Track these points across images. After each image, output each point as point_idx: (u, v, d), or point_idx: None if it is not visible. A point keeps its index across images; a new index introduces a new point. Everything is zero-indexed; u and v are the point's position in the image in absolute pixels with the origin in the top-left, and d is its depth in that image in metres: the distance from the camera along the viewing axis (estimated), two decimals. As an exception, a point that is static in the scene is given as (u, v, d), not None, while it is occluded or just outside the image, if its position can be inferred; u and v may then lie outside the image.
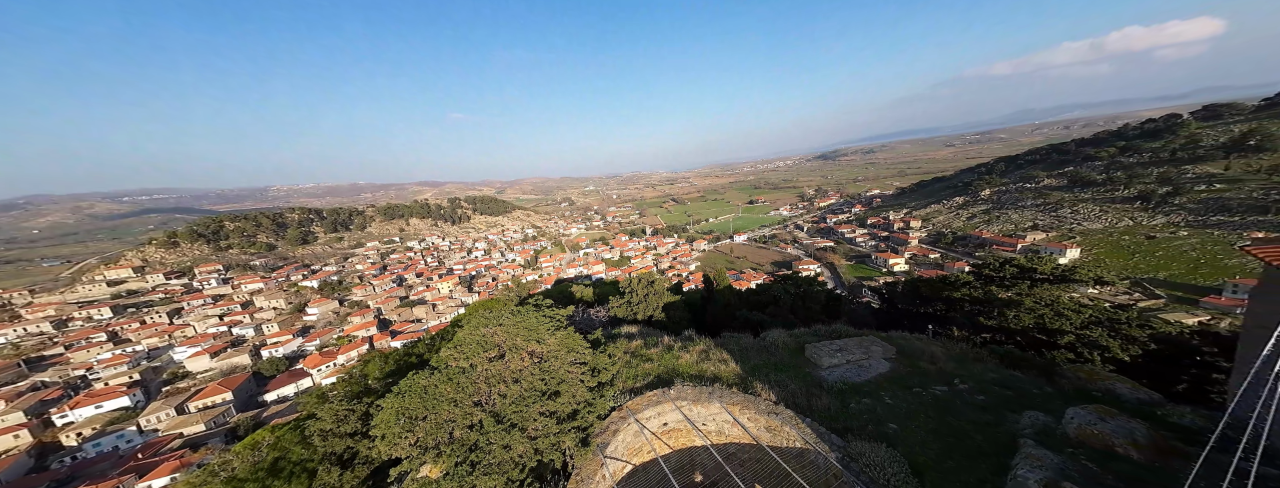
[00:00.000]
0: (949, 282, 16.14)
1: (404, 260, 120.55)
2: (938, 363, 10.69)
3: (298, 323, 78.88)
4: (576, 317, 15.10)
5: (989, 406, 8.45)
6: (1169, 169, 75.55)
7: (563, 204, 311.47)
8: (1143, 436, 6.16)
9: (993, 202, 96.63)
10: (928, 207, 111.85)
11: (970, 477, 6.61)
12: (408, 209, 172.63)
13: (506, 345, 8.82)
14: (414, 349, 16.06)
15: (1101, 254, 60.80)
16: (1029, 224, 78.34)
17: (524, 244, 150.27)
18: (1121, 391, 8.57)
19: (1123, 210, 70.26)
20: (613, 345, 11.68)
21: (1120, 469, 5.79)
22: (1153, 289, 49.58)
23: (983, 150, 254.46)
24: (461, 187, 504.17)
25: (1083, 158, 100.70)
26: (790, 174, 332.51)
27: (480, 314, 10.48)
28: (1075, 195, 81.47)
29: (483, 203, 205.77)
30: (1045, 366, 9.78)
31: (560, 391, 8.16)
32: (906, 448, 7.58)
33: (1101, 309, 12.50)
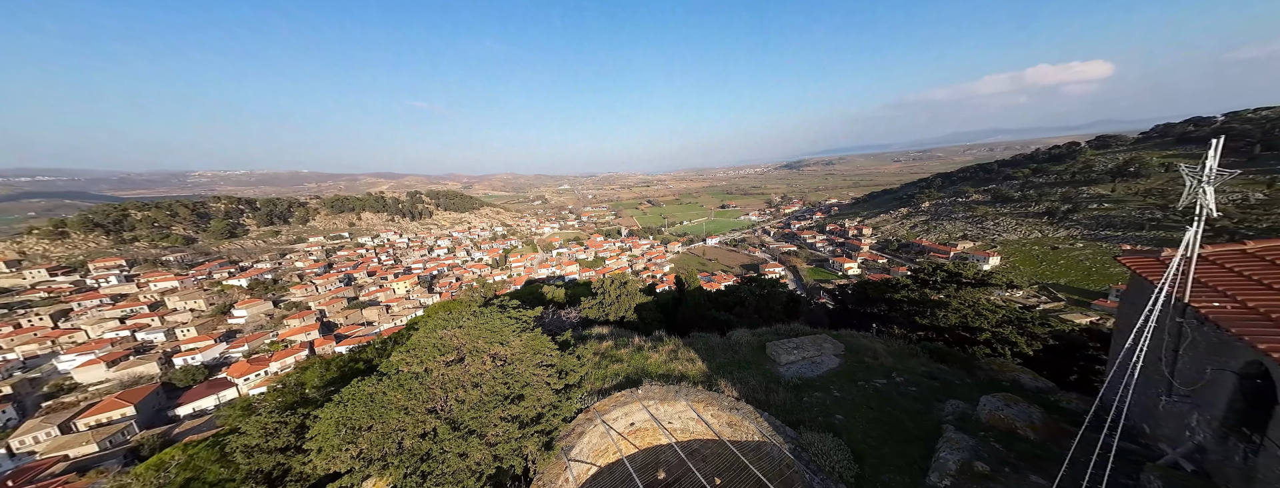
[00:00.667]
0: (891, 285, 17.57)
1: (354, 258, 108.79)
2: (879, 358, 11.60)
3: (221, 327, 68.96)
4: (545, 318, 14.71)
5: (920, 396, 9.33)
6: (1070, 189, 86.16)
7: (536, 202, 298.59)
8: (1038, 419, 7.09)
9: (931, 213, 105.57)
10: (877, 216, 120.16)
11: (902, 460, 7.30)
12: (360, 202, 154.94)
13: (467, 348, 8.40)
14: (361, 354, 14.77)
15: (1017, 262, 68.21)
16: (960, 234, 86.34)
17: (492, 243, 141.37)
18: (1025, 380, 9.75)
19: (1034, 224, 79.26)
20: (582, 347, 11.50)
21: (1020, 449, 6.65)
22: (1056, 293, 56.26)
23: (924, 166, 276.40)
24: (423, 180, 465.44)
25: (1003, 177, 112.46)
26: (759, 181, 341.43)
27: (439, 316, 9.81)
28: (996, 210, 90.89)
29: (447, 198, 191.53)
30: (966, 359, 10.90)
31: (524, 394, 7.90)
32: (850, 436, 8.23)
33: (1012, 310, 14.19)
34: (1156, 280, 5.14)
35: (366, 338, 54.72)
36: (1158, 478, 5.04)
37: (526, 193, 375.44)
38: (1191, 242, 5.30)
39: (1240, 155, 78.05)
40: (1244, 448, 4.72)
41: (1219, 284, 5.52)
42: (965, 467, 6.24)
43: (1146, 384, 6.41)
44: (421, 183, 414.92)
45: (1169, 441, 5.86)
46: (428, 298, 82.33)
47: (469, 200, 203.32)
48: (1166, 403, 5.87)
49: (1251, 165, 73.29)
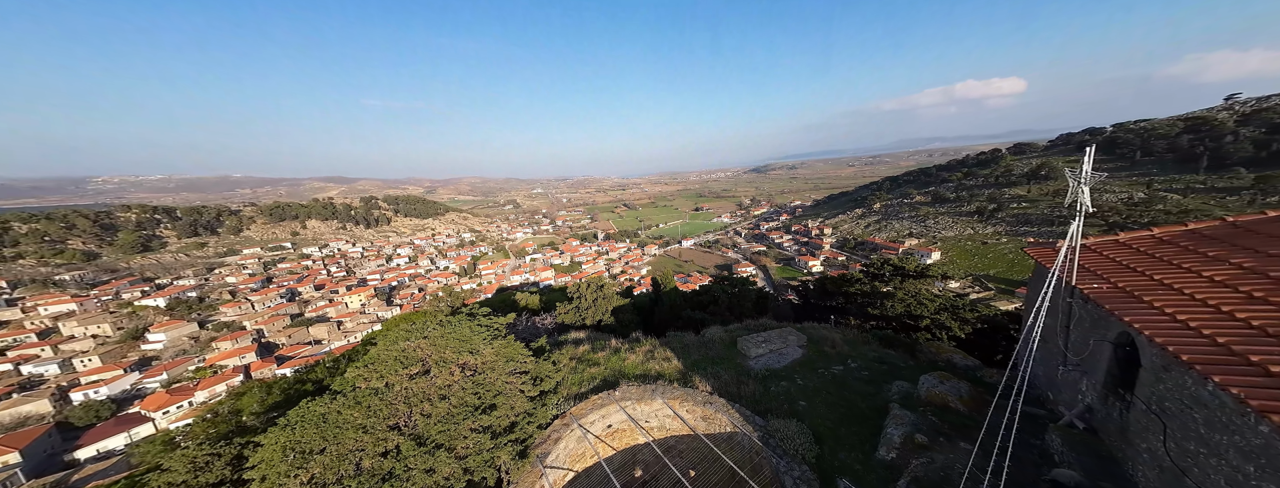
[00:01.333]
0: (847, 279, 18.75)
1: (297, 270, 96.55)
2: (837, 347, 12.33)
3: (132, 354, 58.40)
4: (519, 325, 14.08)
5: (871, 379, 10.03)
6: (995, 191, 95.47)
7: (507, 207, 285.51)
8: (967, 393, 7.85)
9: (882, 213, 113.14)
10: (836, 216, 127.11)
11: (856, 438, 7.84)
12: (304, 209, 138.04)
13: (433, 360, 7.96)
14: (309, 375, 13.42)
15: (954, 256, 74.54)
16: (907, 232, 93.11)
17: (460, 250, 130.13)
18: (957, 360, 10.72)
19: (967, 222, 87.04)
20: (558, 352, 11.28)
21: (952, 420, 7.34)
22: (986, 283, 61.94)
23: (874, 170, 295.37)
24: (379, 184, 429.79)
25: (940, 180, 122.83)
26: (730, 184, 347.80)
27: (401, 328, 9.17)
28: (936, 210, 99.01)
29: (407, 203, 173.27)
30: (910, 344, 11.84)
31: (496, 403, 7.59)
32: (812, 420, 8.70)
33: (948, 299, 15.59)
34: (1051, 267, 5.93)
35: (314, 358, 45.81)
36: (1057, 437, 5.77)
37: (497, 197, 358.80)
38: (1075, 233, 6.15)
39: (1125, 160, 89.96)
40: (1119, 406, 5.51)
41: (1098, 268, 6.43)
42: (907, 439, 6.82)
43: (1048, 357, 7.30)
44: (377, 187, 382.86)
45: (1066, 404, 6.71)
46: (386, 311, 74.36)
47: (432, 206, 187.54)
48: (1063, 372, 6.72)
49: (1134, 169, 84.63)
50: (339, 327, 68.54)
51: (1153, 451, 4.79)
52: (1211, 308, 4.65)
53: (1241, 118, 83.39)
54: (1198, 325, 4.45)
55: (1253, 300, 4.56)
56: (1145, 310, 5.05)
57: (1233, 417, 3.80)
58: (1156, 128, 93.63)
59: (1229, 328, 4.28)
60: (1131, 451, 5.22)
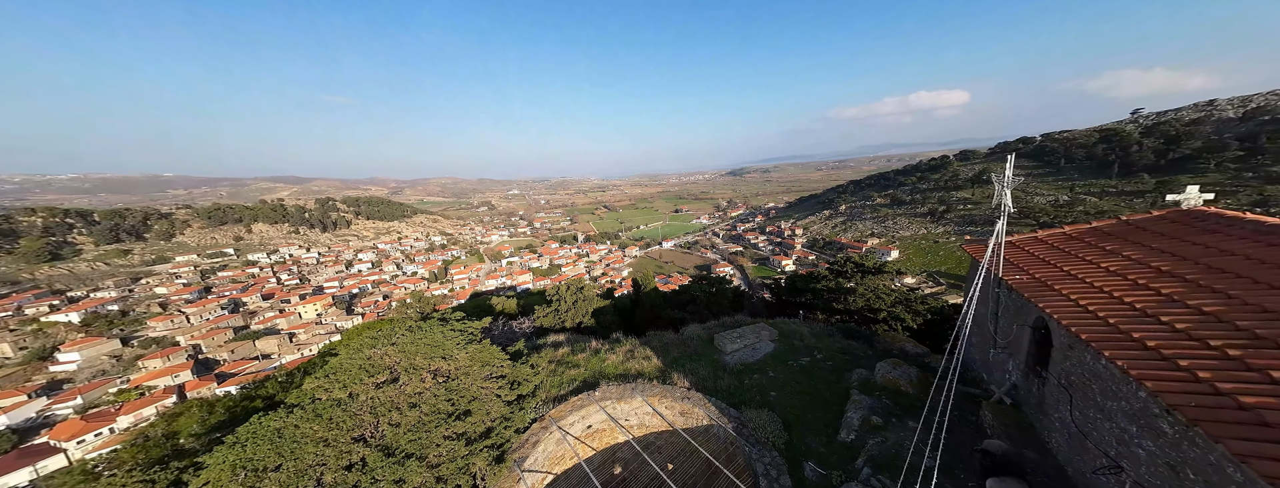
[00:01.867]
0: (814, 277, 19.68)
1: (242, 279, 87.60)
2: (805, 340, 12.89)
3: (38, 377, 50.97)
4: (494, 330, 13.57)
5: (835, 368, 10.59)
6: (944, 194, 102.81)
7: (481, 209, 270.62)
8: (915, 377, 8.49)
9: (847, 215, 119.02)
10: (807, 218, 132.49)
11: (821, 424, 8.27)
12: (250, 212, 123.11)
13: (402, 367, 7.55)
14: (259, 391, 12.28)
15: (911, 254, 79.64)
16: (869, 232, 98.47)
17: (429, 254, 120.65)
18: (909, 348, 11.52)
19: (921, 222, 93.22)
20: (537, 356, 11.09)
21: (903, 402, 7.92)
22: (938, 278, 66.54)
23: (840, 175, 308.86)
24: (337, 185, 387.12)
25: (897, 184, 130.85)
26: (708, 187, 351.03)
27: (366, 335, 8.62)
28: (894, 211, 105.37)
29: (370, 205, 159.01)
30: (869, 335, 12.60)
31: (471, 409, 7.30)
32: (782, 409, 9.09)
33: (903, 293, 16.72)
34: (982, 261, 6.57)
35: (263, 374, 39.71)
36: (989, 412, 6.38)
37: (470, 199, 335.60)
38: (1000, 231, 6.85)
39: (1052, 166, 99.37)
40: (1037, 382, 6.18)
41: (1020, 262, 7.17)
42: (865, 421, 7.30)
43: (982, 342, 8.04)
44: (335, 188, 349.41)
45: (996, 383, 7.42)
46: (346, 321, 67.95)
47: (398, 207, 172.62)
48: (993, 355, 7.43)
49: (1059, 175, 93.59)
50: (291, 339, 61.94)
51: (1062, 419, 5.42)
52: (1106, 294, 5.34)
53: (1145, 130, 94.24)
54: (1095, 309, 5.10)
55: (1137, 287, 5.27)
56: (1055, 298, 5.71)
57: (1120, 385, 4.39)
58: (1077, 138, 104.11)
59: (1118, 311, 4.93)
60: (1046, 420, 5.87)
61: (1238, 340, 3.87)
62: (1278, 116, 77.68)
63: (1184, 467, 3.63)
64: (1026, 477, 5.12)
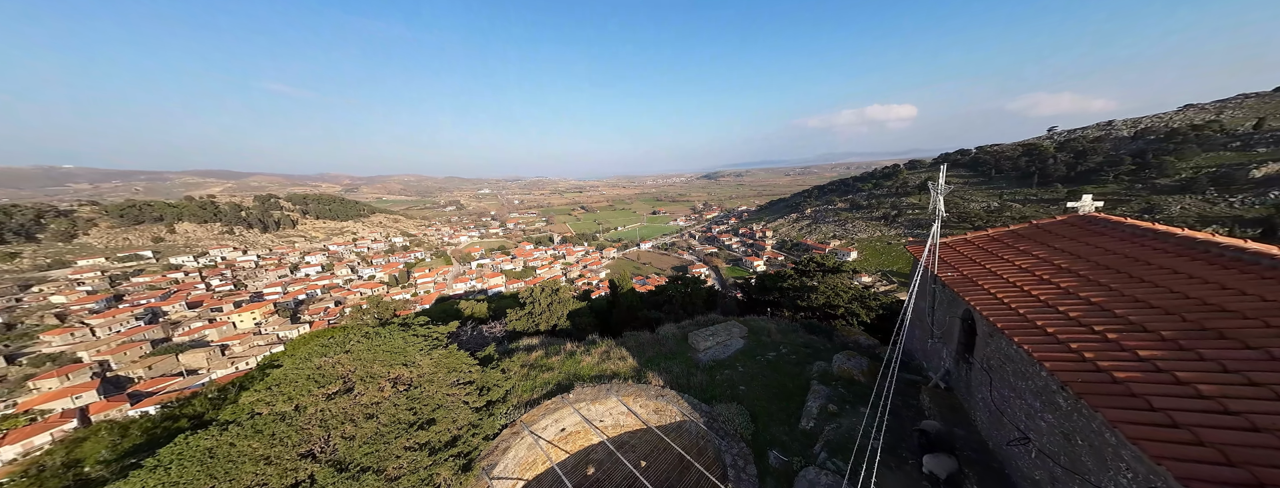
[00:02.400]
0: (781, 276, 20.59)
1: (162, 285, 76.01)
2: (772, 336, 13.42)
3: None
4: (463, 335, 12.97)
5: (798, 361, 11.13)
6: (896, 200, 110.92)
7: (449, 208, 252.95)
8: (866, 366, 9.10)
9: (812, 218, 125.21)
10: (776, 220, 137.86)
11: (784, 414, 8.66)
12: (173, 209, 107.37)
13: (357, 375, 7.04)
14: (184, 410, 10.96)
15: (868, 255, 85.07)
16: (831, 235, 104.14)
17: (390, 256, 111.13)
18: (862, 341, 12.33)
19: (876, 225, 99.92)
20: (508, 360, 10.77)
21: (856, 390, 8.47)
22: (890, 277, 71.51)
23: (805, 180, 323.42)
24: (281, 181, 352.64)
25: (856, 190, 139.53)
26: (685, 189, 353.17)
27: (316, 343, 8.03)
28: (853, 215, 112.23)
29: (320, 204, 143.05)
30: (828, 330, 13.34)
31: (436, 418, 6.92)
32: (750, 402, 9.42)
33: (859, 291, 17.89)
34: (921, 260, 7.19)
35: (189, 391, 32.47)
36: (926, 396, 6.99)
37: (436, 198, 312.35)
38: (935, 233, 7.54)
39: (985, 176, 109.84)
40: (965, 367, 6.84)
41: (952, 261, 7.92)
42: (823, 409, 7.74)
43: (922, 333, 8.78)
44: (278, 184, 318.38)
45: (933, 369, 8.14)
46: (290, 330, 60.29)
47: (353, 206, 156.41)
48: (931, 344, 8.14)
49: (990, 184, 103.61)
50: (223, 352, 54.30)
51: (984, 398, 6.04)
52: (1017, 288, 6.03)
53: (1058, 145, 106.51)
54: (1008, 301, 5.75)
55: (1042, 282, 6.00)
56: (979, 292, 6.37)
57: (1027, 367, 4.97)
58: (1004, 151, 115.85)
59: (1026, 302, 5.59)
60: (972, 400, 6.52)
61: (1115, 326, 4.52)
62: (1161, 136, 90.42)
63: (1074, 434, 4.18)
64: (956, 452, 5.66)
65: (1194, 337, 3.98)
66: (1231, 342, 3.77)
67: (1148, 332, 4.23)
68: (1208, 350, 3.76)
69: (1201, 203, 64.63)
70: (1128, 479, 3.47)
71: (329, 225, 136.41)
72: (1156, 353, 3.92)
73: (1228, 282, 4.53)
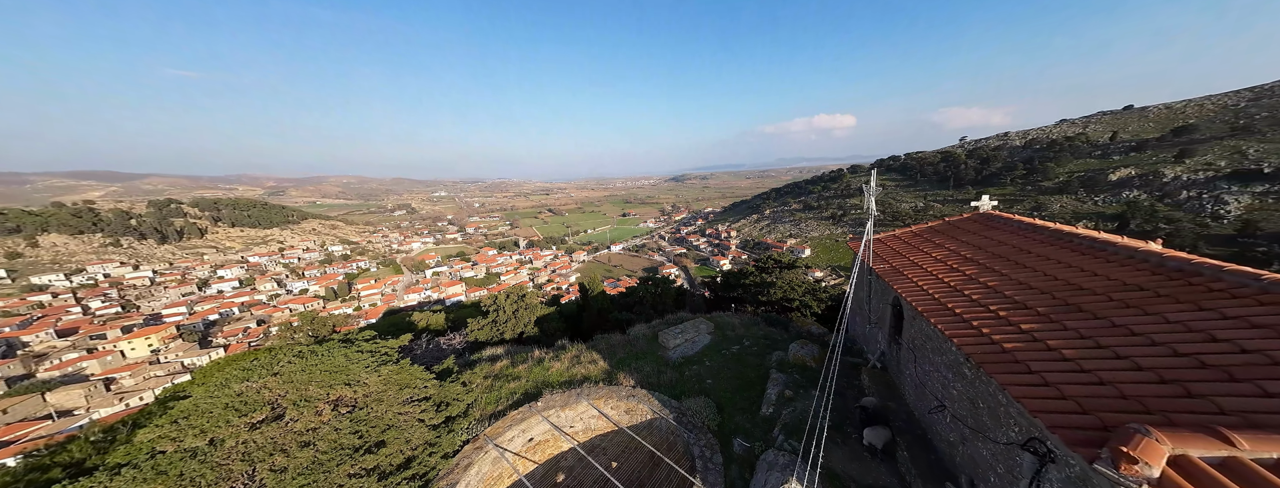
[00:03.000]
0: (743, 273, 21.53)
1: (18, 311, 62.15)
2: (736, 330, 13.97)
3: None
4: (416, 348, 12.02)
5: (758, 352, 11.69)
6: (841, 201, 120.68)
7: (398, 212, 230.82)
8: (816, 353, 9.77)
9: (771, 218, 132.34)
10: (739, 221, 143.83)
11: (747, 402, 9.05)
12: (36, 218, 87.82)
13: (289, 400, 6.29)
14: (56, 457, 8.96)
15: (819, 252, 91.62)
16: (788, 234, 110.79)
17: (327, 267, 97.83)
18: (814, 330, 13.22)
19: (826, 225, 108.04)
20: (470, 372, 10.20)
21: (808, 375, 9.06)
22: (838, 271, 77.57)
23: (764, 183, 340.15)
24: (185, 183, 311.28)
25: (808, 192, 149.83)
26: (653, 191, 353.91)
27: (236, 366, 7.03)
28: (806, 215, 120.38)
29: (237, 209, 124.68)
30: (785, 322, 14.15)
31: (386, 440, 6.34)
32: (716, 394, 9.71)
33: (811, 284, 19.22)
34: (858, 254, 7.89)
35: (63, 435, 21.40)
36: (866, 375, 7.66)
37: (382, 201, 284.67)
38: (869, 230, 8.31)
39: (912, 179, 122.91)
40: (896, 348, 7.60)
41: (883, 254, 8.77)
42: (780, 395, 8.19)
43: (862, 320, 9.61)
44: (181, 187, 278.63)
45: (871, 352, 8.95)
46: (199, 356, 51.69)
47: (279, 211, 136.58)
48: (869, 329, 8.95)
49: (917, 186, 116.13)
50: (108, 387, 43.52)
51: (910, 374, 6.76)
52: (933, 276, 6.82)
53: (968, 152, 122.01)
54: (926, 287, 6.48)
55: (951, 270, 6.83)
56: (904, 281, 7.12)
57: (941, 344, 5.64)
58: (927, 158, 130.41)
59: (939, 288, 6.34)
60: (901, 377, 7.26)
61: (1005, 305, 5.27)
62: (1044, 146, 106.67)
63: (977, 399, 4.81)
64: (890, 423, 6.27)
65: (1061, 311, 4.75)
66: (1086, 314, 4.56)
67: (1028, 309, 4.99)
68: (1070, 322, 4.51)
69: (1074, 201, 77.33)
70: (1015, 432, 4.06)
71: (248, 234, 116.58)
72: (1034, 326, 4.63)
73: (1085, 266, 5.47)
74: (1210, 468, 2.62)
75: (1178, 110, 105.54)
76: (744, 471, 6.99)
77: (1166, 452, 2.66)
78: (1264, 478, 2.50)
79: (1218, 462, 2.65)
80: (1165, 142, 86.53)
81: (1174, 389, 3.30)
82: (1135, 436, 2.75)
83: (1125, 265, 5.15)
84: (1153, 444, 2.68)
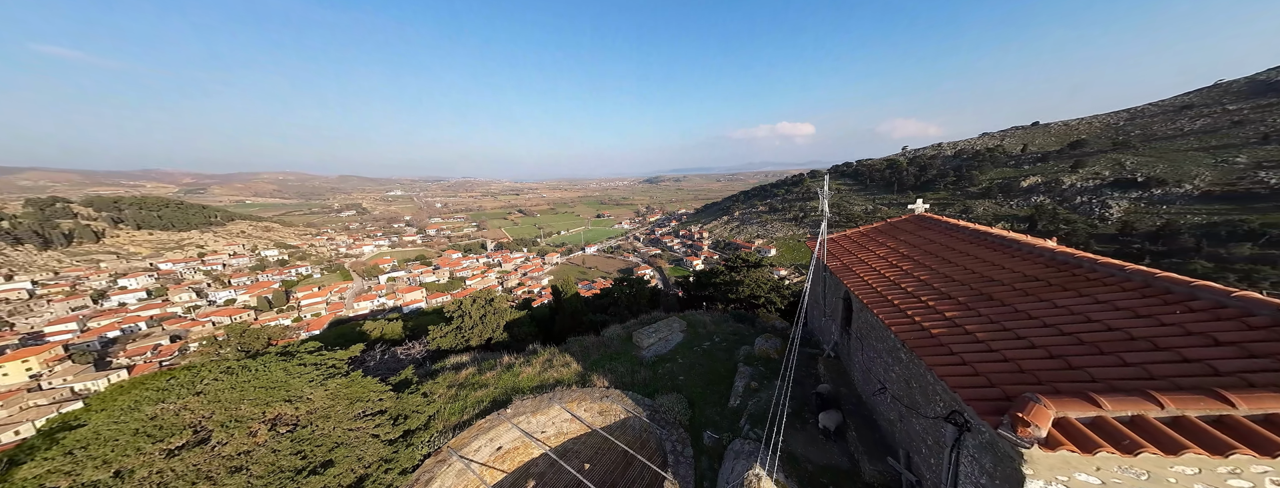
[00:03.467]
0: (714, 273, 22.19)
1: None
2: (707, 328, 14.29)
3: None
4: (369, 360, 11.19)
5: (728, 348, 12.06)
6: (803, 203, 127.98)
7: (346, 213, 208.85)
8: (779, 346, 10.28)
9: (740, 220, 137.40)
10: (711, 223, 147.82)
11: (716, 396, 9.30)
12: None
13: (215, 422, 5.57)
14: None
15: (784, 251, 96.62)
16: (756, 234, 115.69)
17: (259, 274, 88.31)
18: (778, 324, 13.89)
19: (790, 226, 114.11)
20: (432, 382, 9.66)
21: (772, 366, 9.50)
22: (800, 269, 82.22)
23: (733, 186, 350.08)
24: (75, 179, 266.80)
25: (773, 195, 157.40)
26: (628, 193, 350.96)
27: (142, 391, 6.06)
28: (772, 217, 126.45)
29: (144, 209, 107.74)
30: (752, 318, 14.75)
31: (334, 459, 5.79)
32: (688, 390, 9.89)
33: (776, 282, 20.23)
34: (815, 252, 8.43)
35: None
36: (821, 364, 8.18)
37: (326, 200, 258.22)
38: (823, 230, 8.91)
39: (863, 184, 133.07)
40: (846, 338, 8.20)
41: (835, 252, 9.43)
42: (747, 387, 8.52)
43: (818, 314, 10.26)
44: (69, 183, 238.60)
45: (827, 343, 9.59)
46: (94, 379, 44.93)
47: (198, 211, 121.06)
48: (824, 322, 9.57)
49: (867, 191, 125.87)
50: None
51: (858, 361, 7.32)
52: (876, 272, 7.44)
53: (909, 160, 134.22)
54: (871, 281, 7.06)
55: (891, 266, 7.50)
56: (853, 276, 7.70)
57: (882, 332, 6.17)
58: (875, 165, 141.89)
59: (880, 282, 6.93)
60: (851, 364, 7.85)
61: (934, 296, 5.87)
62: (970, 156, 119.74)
63: (911, 380, 5.31)
64: (841, 407, 6.74)
65: (977, 300, 5.38)
66: (996, 301, 5.20)
67: (952, 298, 5.60)
68: (983, 309, 5.12)
69: (994, 205, 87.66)
70: (940, 408, 4.53)
71: (158, 238, 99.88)
72: (956, 313, 5.20)
73: (996, 260, 6.23)
74: (1083, 427, 3.09)
75: (1073, 127, 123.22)
76: (713, 461, 7.19)
77: (1052, 415, 3.10)
78: (1121, 431, 3.00)
79: (1089, 421, 3.14)
80: (1064, 154, 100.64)
81: (1059, 363, 3.86)
82: (1029, 403, 3.19)
83: (1027, 259, 5.94)
84: (1042, 410, 3.12)
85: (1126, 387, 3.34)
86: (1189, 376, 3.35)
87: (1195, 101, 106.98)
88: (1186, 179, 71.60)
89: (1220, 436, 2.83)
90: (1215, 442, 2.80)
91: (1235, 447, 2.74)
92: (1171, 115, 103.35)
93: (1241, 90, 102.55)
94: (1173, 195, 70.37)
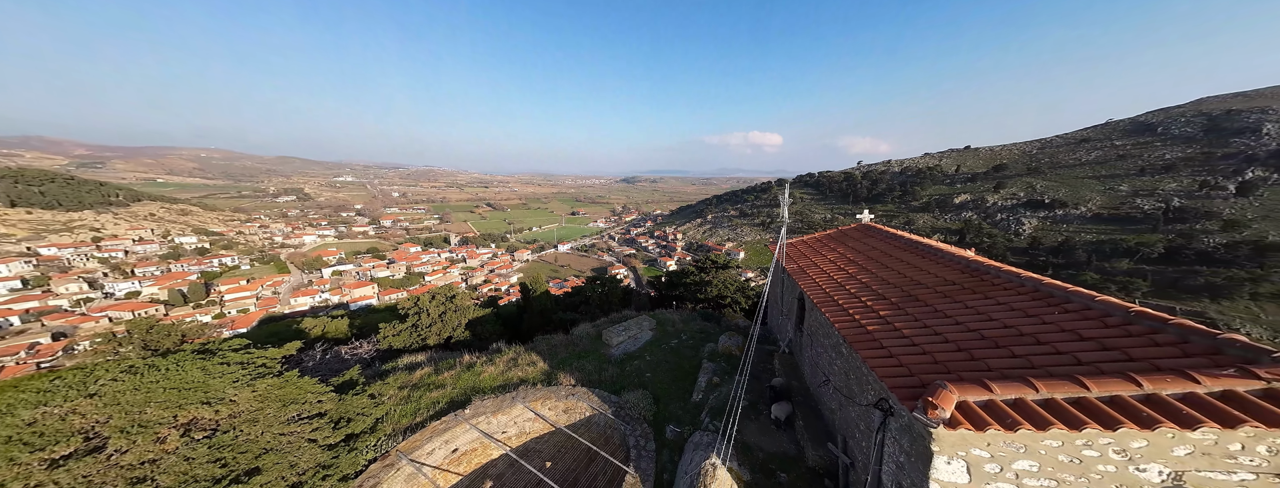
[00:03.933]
0: (685, 273, 22.72)
1: None
2: (676, 326, 14.57)
3: None
4: (308, 360, 10.27)
5: (694, 345, 12.40)
6: (770, 209, 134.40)
7: (284, 198, 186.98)
8: (741, 343, 10.76)
9: (712, 223, 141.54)
10: (685, 225, 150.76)
11: (681, 392, 9.55)
12: None
13: (114, 426, 4.87)
14: None
15: (750, 254, 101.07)
16: (726, 237, 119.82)
17: (173, 264, 76.06)
18: (741, 323, 14.51)
19: (758, 230, 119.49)
20: (381, 383, 9.02)
21: (733, 362, 9.92)
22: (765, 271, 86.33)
23: (707, 190, 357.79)
24: None
25: (743, 200, 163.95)
26: (604, 192, 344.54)
27: (18, 392, 5.17)
28: (742, 221, 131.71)
29: (24, 183, 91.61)
30: (718, 317, 15.28)
31: (262, 466, 5.27)
32: (654, 386, 10.04)
33: (742, 283, 21.15)
34: (775, 255, 8.92)
35: None
36: (777, 360, 8.70)
37: (260, 183, 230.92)
38: (783, 235, 9.46)
39: (823, 194, 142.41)
40: (799, 336, 8.78)
41: (793, 256, 10.06)
42: (709, 382, 8.84)
43: (777, 313, 10.88)
44: None
45: (783, 339, 10.20)
46: None
47: (93, 189, 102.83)
48: (781, 320, 10.17)
49: (827, 200, 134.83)
50: None
51: (809, 356, 7.88)
52: (826, 274, 8.04)
53: (863, 174, 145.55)
54: (821, 283, 7.62)
55: (839, 269, 8.14)
56: (805, 278, 8.26)
57: (828, 329, 6.69)
58: (833, 177, 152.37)
59: (830, 284, 7.51)
60: (802, 359, 8.43)
61: (872, 296, 6.47)
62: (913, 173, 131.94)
63: (850, 371, 5.82)
64: (791, 399, 7.21)
65: (906, 301, 6.01)
66: (920, 302, 5.84)
67: (886, 299, 6.20)
68: (910, 308, 5.73)
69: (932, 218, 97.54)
70: (871, 396, 5.01)
71: (41, 217, 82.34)
72: (888, 312, 5.77)
73: (923, 266, 6.98)
74: (978, 408, 3.59)
75: (997, 152, 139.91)
76: (675, 454, 7.38)
77: (955, 399, 3.56)
78: (1006, 412, 3.52)
79: (983, 403, 3.64)
80: (989, 176, 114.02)
81: (964, 355, 4.43)
82: (938, 389, 3.64)
83: (948, 266, 6.71)
84: (948, 394, 3.57)
85: (1013, 375, 3.91)
86: (1060, 365, 3.99)
87: (1091, 136, 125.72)
88: (1082, 202, 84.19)
89: (1077, 413, 3.41)
90: (1073, 419, 3.37)
91: (1087, 422, 3.31)
92: (1073, 147, 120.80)
93: (1126, 128, 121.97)
94: (1072, 216, 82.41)
